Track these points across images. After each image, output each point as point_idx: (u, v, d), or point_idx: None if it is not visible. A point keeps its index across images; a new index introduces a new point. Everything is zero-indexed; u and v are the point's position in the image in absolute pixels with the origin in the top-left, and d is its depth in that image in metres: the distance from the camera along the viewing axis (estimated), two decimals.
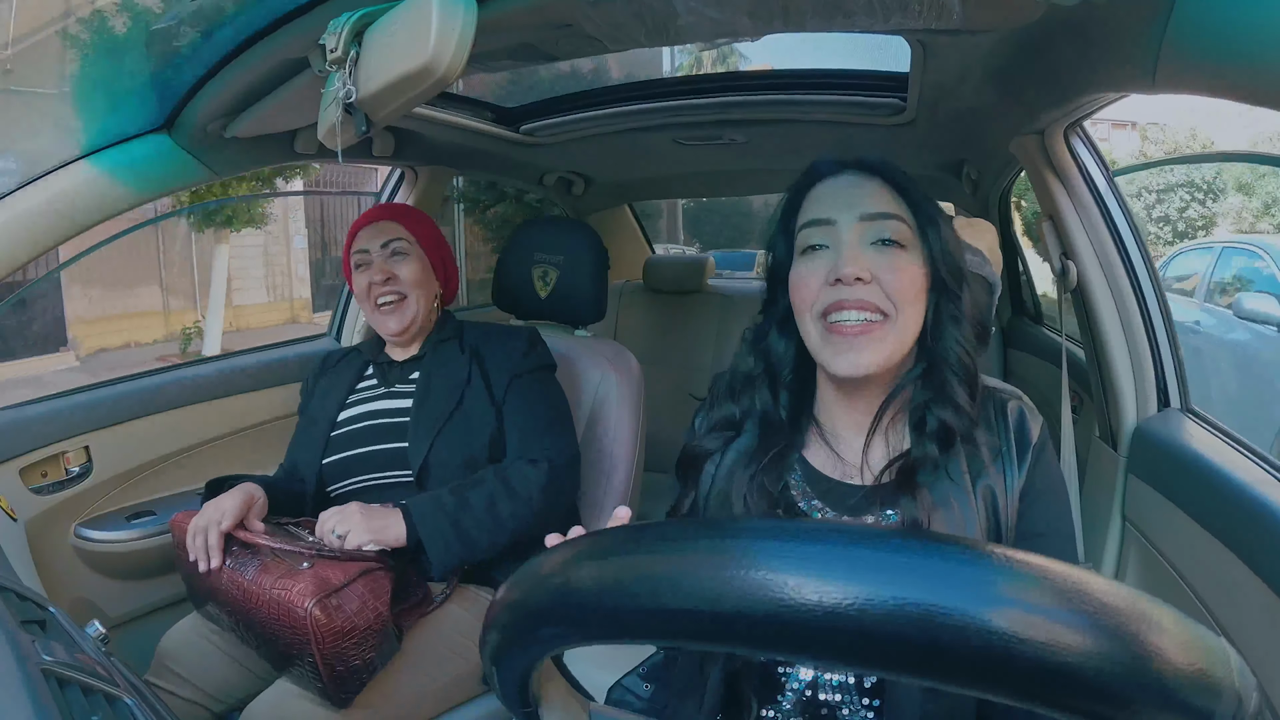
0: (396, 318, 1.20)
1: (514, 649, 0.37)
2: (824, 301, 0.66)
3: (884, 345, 0.66)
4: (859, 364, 0.65)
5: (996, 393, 0.71)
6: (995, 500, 0.66)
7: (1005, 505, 0.66)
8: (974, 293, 0.73)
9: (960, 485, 0.66)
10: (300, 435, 1.22)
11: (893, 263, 0.66)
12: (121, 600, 1.29)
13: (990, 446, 0.67)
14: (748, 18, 0.80)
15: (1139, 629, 0.25)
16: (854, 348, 0.65)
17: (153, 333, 7.17)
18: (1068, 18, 0.75)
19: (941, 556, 0.27)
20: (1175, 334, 1.15)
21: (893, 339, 0.66)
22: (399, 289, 1.19)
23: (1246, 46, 0.54)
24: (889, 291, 0.65)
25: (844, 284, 0.65)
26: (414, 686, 0.98)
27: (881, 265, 0.66)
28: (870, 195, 0.68)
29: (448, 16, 0.63)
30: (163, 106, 1.00)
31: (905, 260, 0.66)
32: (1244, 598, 0.83)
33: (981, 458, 0.67)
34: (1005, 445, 0.68)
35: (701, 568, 0.29)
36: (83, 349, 6.78)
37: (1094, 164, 1.13)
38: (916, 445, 0.67)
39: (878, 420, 0.69)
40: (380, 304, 1.20)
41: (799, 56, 1.68)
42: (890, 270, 0.66)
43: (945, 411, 0.66)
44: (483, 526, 1.03)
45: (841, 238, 0.67)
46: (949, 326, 0.68)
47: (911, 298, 0.66)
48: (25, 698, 0.41)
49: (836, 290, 0.65)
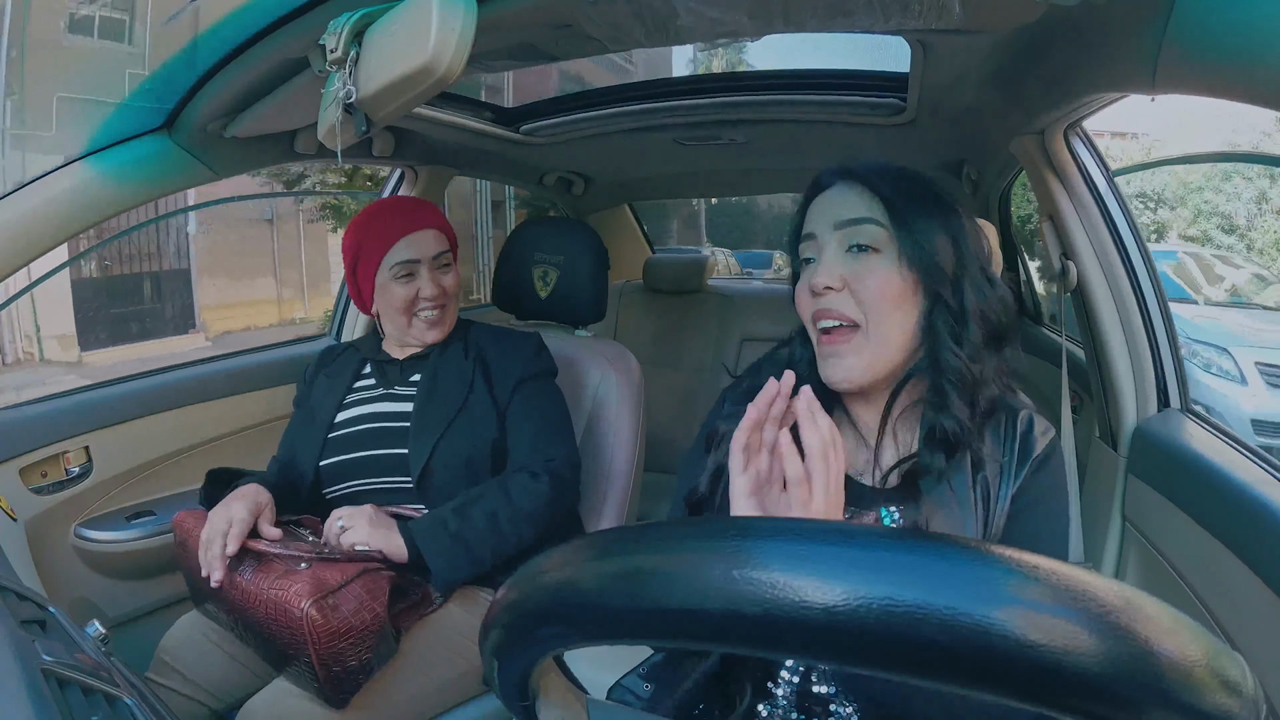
0: (439, 329, 1.18)
1: (514, 649, 0.37)
2: (811, 311, 0.69)
3: (861, 356, 0.67)
4: (840, 374, 0.67)
5: (1012, 402, 0.70)
6: (989, 505, 0.66)
7: (995, 509, 0.66)
8: (996, 292, 0.69)
9: (962, 491, 0.66)
10: (297, 429, 1.20)
11: (864, 269, 0.67)
12: (121, 600, 1.29)
13: (994, 458, 0.67)
14: (748, 18, 0.80)
15: (1166, 640, 0.25)
16: (835, 354, 0.67)
17: (268, 318, 8.24)
18: (1068, 18, 0.75)
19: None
20: (1175, 334, 1.15)
21: (869, 349, 0.66)
22: (446, 302, 1.18)
23: (1246, 46, 0.54)
24: (860, 299, 0.66)
25: (819, 294, 0.67)
26: (413, 687, 0.98)
27: (854, 272, 0.67)
28: (847, 202, 0.69)
29: (448, 16, 0.63)
30: (162, 106, 1.00)
31: (878, 265, 0.66)
32: (1244, 598, 0.83)
33: (985, 468, 0.66)
34: (1008, 456, 0.67)
35: (702, 567, 0.29)
36: (211, 331, 7.76)
37: (1094, 164, 1.13)
38: (923, 451, 0.67)
39: (884, 424, 0.70)
40: (426, 317, 1.17)
41: (799, 57, 1.68)
42: (862, 276, 0.66)
43: (946, 419, 0.66)
44: (486, 543, 1.03)
45: (822, 249, 0.68)
46: (942, 331, 0.67)
47: (888, 303, 0.66)
48: (25, 698, 0.41)
49: (817, 300, 0.68)
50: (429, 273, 1.16)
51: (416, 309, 1.16)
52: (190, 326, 7.79)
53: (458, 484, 1.09)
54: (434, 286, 1.15)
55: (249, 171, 1.25)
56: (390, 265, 1.15)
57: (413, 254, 1.15)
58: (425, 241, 1.16)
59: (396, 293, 1.15)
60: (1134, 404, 1.14)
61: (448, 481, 1.09)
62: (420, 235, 1.16)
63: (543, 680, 0.42)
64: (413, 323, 1.17)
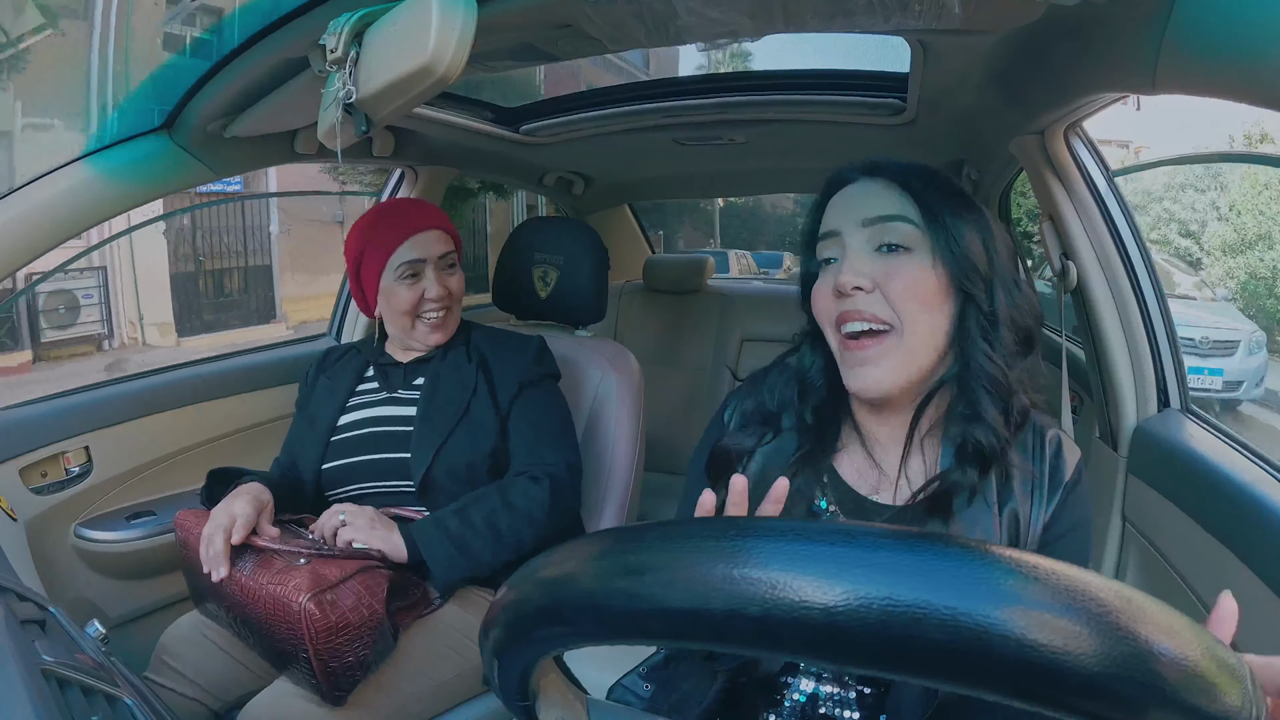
0: (443, 331, 1.17)
1: (514, 649, 0.37)
2: (835, 314, 0.65)
3: (894, 361, 0.62)
4: (870, 381, 0.63)
5: (1038, 418, 0.67)
6: (1018, 527, 0.63)
7: (1027, 536, 0.63)
8: (1025, 295, 0.66)
9: (989, 508, 0.63)
10: (299, 432, 1.20)
11: (896, 268, 0.62)
12: (121, 600, 1.29)
13: (1024, 472, 0.64)
14: (748, 18, 0.80)
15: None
16: (864, 362, 0.63)
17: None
18: (1068, 18, 0.75)
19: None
20: (1175, 334, 1.15)
21: (902, 353, 0.62)
22: (450, 304, 1.17)
23: (1246, 46, 0.54)
24: (892, 300, 0.62)
25: (845, 295, 0.63)
26: (412, 685, 0.98)
27: (884, 271, 0.62)
28: (873, 199, 0.65)
29: (448, 16, 0.63)
30: (162, 106, 1.00)
31: (911, 264, 0.62)
32: (1244, 598, 0.83)
33: (1013, 484, 0.63)
34: (1039, 475, 0.64)
35: (702, 567, 0.29)
36: (290, 321, 8.59)
37: (1094, 164, 1.13)
38: (955, 468, 0.63)
39: (911, 434, 0.66)
40: (430, 319, 1.16)
41: (799, 57, 1.68)
42: (893, 276, 0.62)
43: (979, 429, 0.62)
44: (485, 545, 1.03)
45: (847, 247, 0.65)
46: (975, 335, 0.63)
47: (920, 304, 0.62)
48: (25, 698, 0.41)
49: (842, 302, 0.64)
50: (434, 273, 1.15)
51: (421, 310, 1.16)
52: (272, 317, 8.74)
53: (459, 488, 1.09)
54: (439, 287, 1.15)
55: (249, 171, 1.25)
56: (395, 266, 1.14)
57: (417, 254, 1.14)
58: (430, 242, 1.15)
59: (401, 295, 1.14)
60: (1134, 404, 1.14)
61: (449, 486, 1.09)
62: (424, 236, 1.15)
63: (543, 680, 0.42)
64: (416, 325, 1.17)
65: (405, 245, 1.14)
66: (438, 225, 1.17)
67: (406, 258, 1.14)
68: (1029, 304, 0.66)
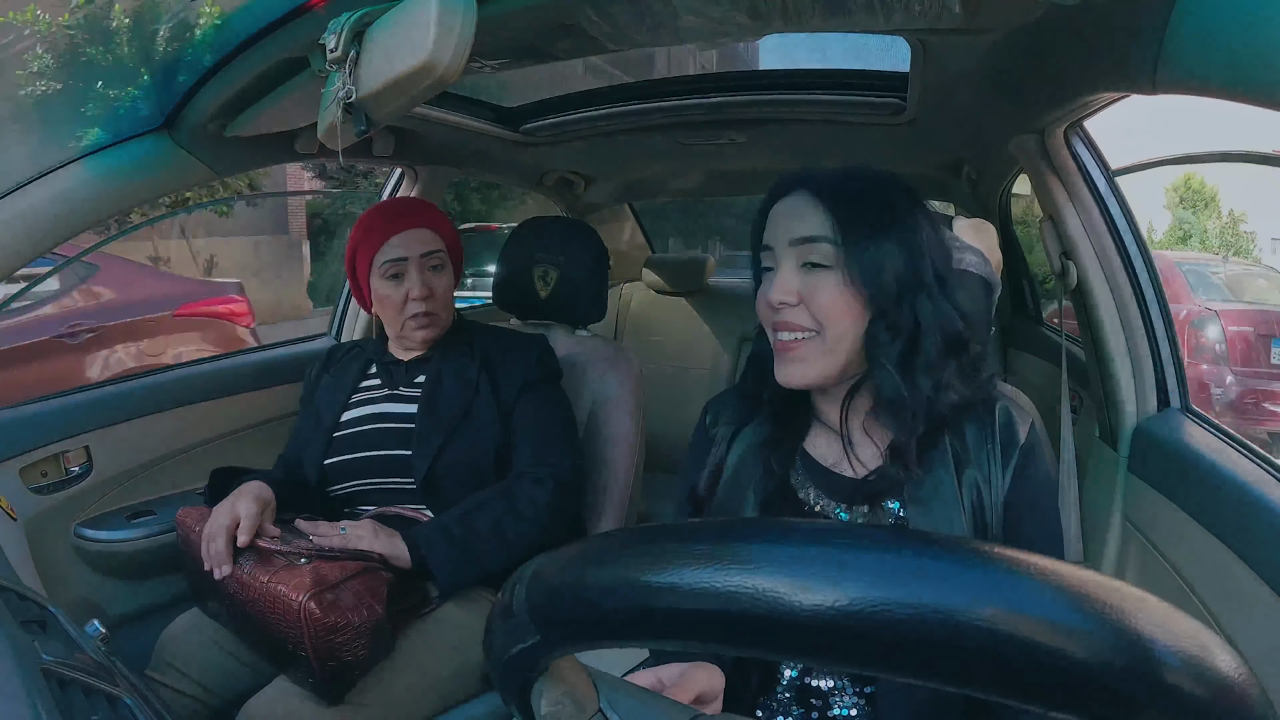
0: (428, 332, 1.17)
1: (516, 652, 0.37)
2: (770, 320, 0.72)
3: (815, 360, 0.70)
4: (794, 375, 0.71)
5: (988, 394, 0.72)
6: (981, 499, 0.68)
7: (990, 507, 0.68)
8: (968, 296, 0.72)
9: (948, 490, 0.68)
10: (303, 429, 1.20)
11: (817, 285, 0.69)
12: (122, 599, 1.29)
13: (979, 449, 0.70)
14: (748, 18, 0.80)
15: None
16: (788, 361, 0.71)
17: None
18: (1068, 18, 0.75)
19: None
20: (1175, 334, 1.15)
21: (823, 353, 0.70)
22: (435, 306, 1.16)
23: (1246, 46, 0.54)
24: (814, 311, 0.69)
25: (774, 308, 0.70)
26: (412, 685, 0.98)
27: (809, 288, 0.69)
28: (802, 218, 0.70)
29: (448, 16, 0.64)
30: (162, 106, 1.00)
31: (829, 281, 0.69)
32: (1244, 598, 0.83)
33: (969, 465, 0.69)
34: (991, 444, 0.70)
35: (704, 568, 0.29)
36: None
37: (1094, 164, 1.13)
38: (888, 462, 0.70)
39: (844, 417, 0.73)
40: (414, 319, 1.15)
41: (799, 57, 1.68)
42: (816, 292, 0.69)
43: (892, 425, 0.70)
44: (489, 549, 1.03)
45: (779, 262, 0.71)
46: (878, 348, 0.69)
47: (838, 316, 0.69)
48: (25, 698, 0.41)
49: (774, 313, 0.71)
50: (417, 272, 1.14)
51: (409, 311, 1.15)
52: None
53: (461, 487, 1.09)
54: (422, 286, 1.14)
55: (249, 171, 1.25)
56: (380, 264, 1.14)
57: (400, 252, 1.14)
58: (413, 240, 1.15)
59: (386, 290, 1.15)
60: (1134, 404, 1.14)
61: (451, 484, 1.10)
62: (410, 234, 1.15)
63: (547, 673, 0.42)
64: (405, 324, 1.16)
65: (389, 243, 1.14)
66: (424, 223, 1.17)
67: (390, 256, 1.14)
68: (959, 308, 0.71)
